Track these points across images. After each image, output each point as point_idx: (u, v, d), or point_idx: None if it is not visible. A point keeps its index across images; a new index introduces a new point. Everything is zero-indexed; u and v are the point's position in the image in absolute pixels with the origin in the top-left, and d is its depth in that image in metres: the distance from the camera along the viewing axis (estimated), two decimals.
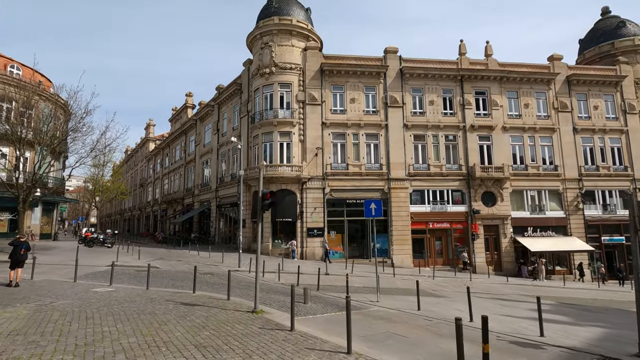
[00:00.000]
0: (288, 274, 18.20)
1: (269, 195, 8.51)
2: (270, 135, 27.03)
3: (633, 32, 32.61)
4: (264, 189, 8.53)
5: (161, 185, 51.87)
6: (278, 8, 28.62)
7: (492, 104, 29.13)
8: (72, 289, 10.86)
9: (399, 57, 28.70)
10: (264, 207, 8.45)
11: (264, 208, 8.45)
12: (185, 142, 43.65)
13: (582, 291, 20.37)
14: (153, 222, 54.89)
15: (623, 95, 30.87)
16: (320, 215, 26.28)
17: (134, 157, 71.64)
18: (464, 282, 20.20)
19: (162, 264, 19.71)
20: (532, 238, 27.74)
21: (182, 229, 42.16)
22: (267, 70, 27.41)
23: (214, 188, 34.57)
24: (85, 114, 20.81)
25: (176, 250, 27.98)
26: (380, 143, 27.58)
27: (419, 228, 27.27)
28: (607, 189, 29.57)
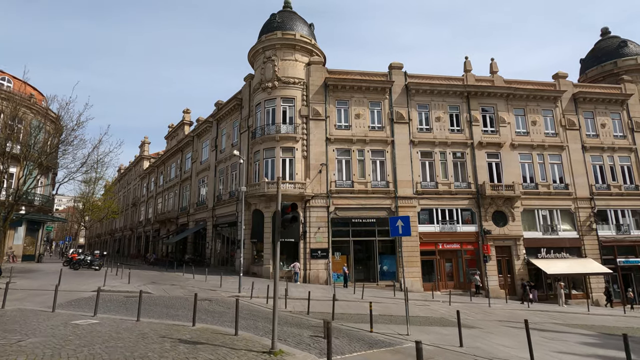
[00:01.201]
0: (294, 299, 16.58)
1: (290, 209, 7.19)
2: (272, 151, 25.86)
3: (635, 52, 32.67)
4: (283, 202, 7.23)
5: (155, 204, 50.02)
6: (281, 23, 28.12)
7: (500, 121, 28.47)
8: (48, 322, 9.21)
9: (404, 72, 28.14)
10: (285, 223, 7.11)
11: (284, 224, 7.11)
12: (181, 159, 42.29)
13: (610, 318, 18.92)
14: (144, 243, 52.60)
15: (629, 114, 30.50)
16: (325, 236, 24.79)
17: (127, 175, 69.86)
18: (484, 309, 18.69)
19: (155, 288, 17.94)
20: (546, 260, 26.43)
21: (176, 250, 40.15)
22: (270, 85, 26.56)
23: (211, 207, 33.00)
24: (77, 126, 19.48)
25: (169, 273, 26.10)
26: (386, 160, 26.53)
27: (428, 249, 25.86)
28: (620, 208, 28.63)
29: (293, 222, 7.37)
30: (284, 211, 7.20)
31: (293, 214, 7.35)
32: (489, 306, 19.32)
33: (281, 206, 7.15)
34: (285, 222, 7.20)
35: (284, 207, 7.19)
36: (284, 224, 7.15)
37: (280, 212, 7.09)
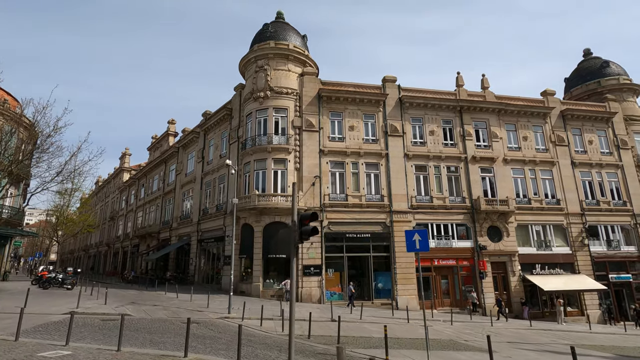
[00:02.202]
0: (286, 320, 15.27)
1: (309, 221, 6.24)
2: (263, 162, 24.84)
3: (617, 72, 33.78)
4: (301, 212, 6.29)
5: (134, 218, 47.66)
6: (274, 33, 27.62)
7: (492, 136, 28.50)
8: (9, 354, 7.77)
9: (398, 86, 27.96)
10: (304, 236, 6.15)
11: (303, 237, 6.14)
12: (164, 171, 40.57)
13: (616, 337, 18.43)
14: (122, 259, 49.80)
15: (615, 131, 31.20)
16: (318, 251, 23.68)
17: (105, 188, 66.91)
18: (487, 328, 17.88)
19: (135, 309, 16.32)
20: (541, 276, 26.07)
21: (156, 267, 37.94)
22: (262, 94, 25.76)
23: (196, 221, 31.39)
24: (54, 132, 18.00)
25: (149, 292, 24.25)
26: (380, 173, 25.92)
27: (423, 265, 25.03)
28: (610, 224, 28.82)
29: (314, 234, 6.43)
30: (302, 222, 6.25)
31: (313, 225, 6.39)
32: (491, 325, 18.54)
33: (298, 216, 6.19)
34: (305, 235, 6.23)
35: (303, 217, 6.25)
36: (302, 236, 6.19)
37: (296, 222, 6.13)
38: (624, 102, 32.47)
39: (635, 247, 28.71)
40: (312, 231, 6.37)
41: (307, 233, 6.31)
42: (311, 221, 6.40)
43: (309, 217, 6.38)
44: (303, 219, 6.30)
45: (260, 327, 13.98)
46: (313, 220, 6.48)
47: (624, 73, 33.84)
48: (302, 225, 6.29)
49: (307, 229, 6.28)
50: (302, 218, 6.31)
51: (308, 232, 6.31)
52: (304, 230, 6.28)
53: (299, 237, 6.26)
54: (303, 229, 6.27)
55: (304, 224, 6.31)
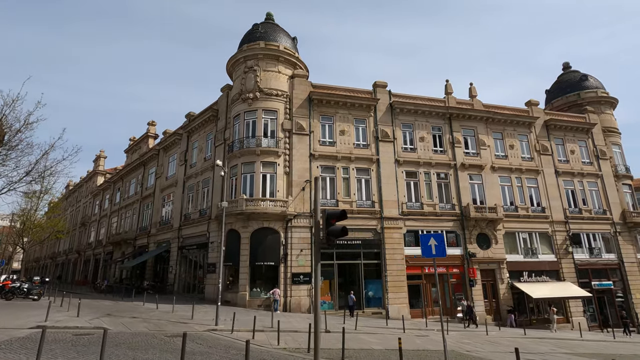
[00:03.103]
0: (283, 332, 14.33)
1: (335, 220, 5.49)
2: (251, 165, 23.87)
3: (595, 85, 35.06)
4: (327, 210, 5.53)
5: (108, 224, 45.17)
6: (264, 33, 26.94)
7: (480, 144, 28.72)
8: None
9: (389, 91, 27.78)
10: (332, 237, 5.39)
11: (330, 239, 5.38)
12: (143, 174, 38.70)
13: (609, 344, 18.46)
14: (93, 268, 46.97)
15: (594, 142, 32.18)
16: (307, 259, 22.81)
17: (77, 192, 63.50)
18: (483, 337, 17.50)
19: (112, 322, 14.91)
20: (529, 283, 26.19)
21: (132, 276, 35.84)
22: (251, 96, 24.90)
23: (177, 226, 29.85)
24: (24, 127, 16.48)
25: (126, 303, 22.57)
26: (371, 179, 25.47)
27: (414, 273, 24.67)
28: (591, 232, 29.47)
29: (343, 235, 5.69)
30: (329, 222, 5.50)
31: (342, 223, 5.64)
32: (486, 334, 18.17)
33: (324, 215, 5.43)
34: (332, 236, 5.47)
35: (329, 215, 5.49)
36: (329, 238, 5.43)
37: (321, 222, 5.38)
38: (602, 114, 33.65)
39: (615, 255, 29.44)
40: (342, 232, 5.63)
41: (335, 234, 5.55)
42: (338, 220, 5.68)
43: (337, 215, 5.63)
44: (330, 218, 5.55)
45: (252, 340, 12.94)
46: (341, 218, 5.75)
47: (601, 86, 35.17)
48: (329, 225, 5.55)
49: (336, 230, 5.53)
50: (329, 216, 5.57)
51: (337, 233, 5.55)
52: (332, 230, 5.52)
53: (325, 239, 5.50)
54: (331, 230, 5.52)
55: (331, 224, 5.57)
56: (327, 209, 5.78)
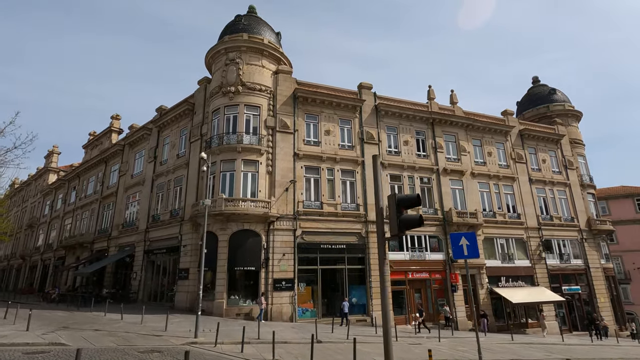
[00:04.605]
0: (267, 344, 12.95)
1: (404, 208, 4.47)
2: (231, 163, 22.29)
3: (562, 99, 36.95)
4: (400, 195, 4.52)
5: (61, 226, 41.01)
6: (248, 25, 25.61)
7: (461, 150, 29.00)
8: None
9: (374, 93, 27.36)
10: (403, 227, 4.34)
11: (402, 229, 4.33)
12: (104, 172, 35.49)
13: (589, 348, 18.74)
14: (41, 275, 42.37)
15: (563, 152, 33.70)
16: (290, 263, 21.52)
17: (24, 191, 57.60)
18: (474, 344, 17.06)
19: (71, 337, 12.80)
20: (507, 288, 26.52)
21: (87, 283, 32.44)
22: (233, 89, 23.39)
23: (143, 228, 27.36)
24: None
25: (83, 314, 19.98)
26: (356, 181, 24.74)
27: (398, 278, 24.10)
28: (561, 238, 30.59)
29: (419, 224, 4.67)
30: (399, 209, 4.47)
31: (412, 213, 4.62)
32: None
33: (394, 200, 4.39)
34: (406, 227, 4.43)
35: (400, 201, 4.45)
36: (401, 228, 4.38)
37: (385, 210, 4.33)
38: (569, 126, 35.43)
39: (582, 260, 30.72)
40: (418, 221, 4.63)
41: (410, 224, 4.51)
42: (409, 207, 4.67)
43: (409, 201, 4.60)
44: (401, 204, 4.54)
45: (241, 354, 11.53)
46: (416, 204, 4.74)
47: (568, 100, 37.13)
48: (399, 213, 4.53)
49: (412, 219, 4.52)
50: (400, 202, 4.56)
51: (413, 223, 4.50)
52: (407, 220, 4.49)
53: (397, 228, 4.47)
54: (404, 219, 4.50)
55: (401, 212, 4.56)
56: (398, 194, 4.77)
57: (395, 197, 4.77)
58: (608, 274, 31.87)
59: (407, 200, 4.77)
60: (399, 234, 4.74)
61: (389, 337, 4.90)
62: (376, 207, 4.83)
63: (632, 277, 40.35)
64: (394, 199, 4.74)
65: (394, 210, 4.68)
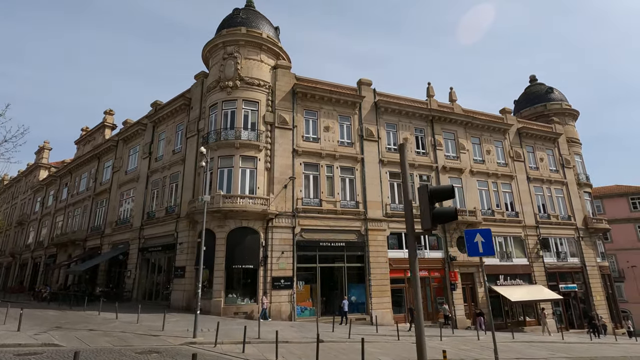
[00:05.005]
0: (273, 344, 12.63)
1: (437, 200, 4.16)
2: (229, 159, 21.85)
3: (560, 98, 37.04)
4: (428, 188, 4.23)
5: (52, 223, 40.15)
6: (246, 19, 25.13)
7: (460, 147, 28.87)
8: None
9: (373, 90, 27.07)
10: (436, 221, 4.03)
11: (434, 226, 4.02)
12: (97, 168, 34.75)
13: (589, 346, 18.70)
14: (31, 273, 41.48)
15: (560, 151, 33.76)
16: (289, 261, 21.18)
17: (14, 188, 56.37)
18: (476, 343, 16.95)
19: (64, 337, 12.34)
20: (505, 287, 26.46)
21: (79, 281, 31.77)
22: (231, 84, 22.92)
23: (138, 226, 26.80)
24: None
25: (76, 313, 19.44)
26: (356, 178, 24.45)
27: (397, 277, 23.92)
28: (558, 236, 30.66)
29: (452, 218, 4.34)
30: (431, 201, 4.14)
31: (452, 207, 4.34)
32: (478, 339, 17.66)
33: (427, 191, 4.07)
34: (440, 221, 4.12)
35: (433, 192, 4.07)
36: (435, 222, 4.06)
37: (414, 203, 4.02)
38: (566, 125, 35.52)
39: (578, 259, 30.84)
40: (454, 214, 4.32)
41: (442, 217, 4.19)
42: (441, 200, 4.37)
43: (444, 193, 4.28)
44: (434, 196, 4.23)
45: (243, 355, 11.18)
46: (449, 197, 4.43)
47: (565, 99, 37.22)
48: (432, 206, 4.23)
49: (447, 212, 4.21)
50: (433, 194, 4.25)
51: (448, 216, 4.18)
52: (442, 213, 4.19)
53: (430, 222, 4.16)
54: (438, 212, 4.20)
55: (433, 204, 4.26)
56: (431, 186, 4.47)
57: (427, 189, 4.47)
58: (604, 272, 32.06)
59: (441, 192, 4.47)
60: (432, 228, 4.44)
61: (422, 337, 4.62)
62: (404, 199, 4.53)
63: (626, 275, 40.73)
64: (427, 190, 4.43)
65: (427, 202, 4.38)
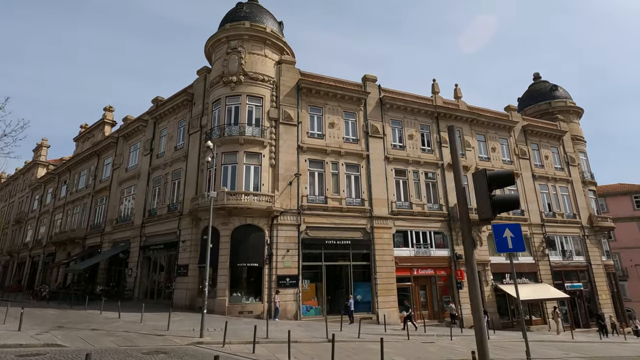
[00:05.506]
0: (283, 344, 12.26)
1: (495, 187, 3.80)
2: (233, 156, 21.44)
3: (564, 96, 36.78)
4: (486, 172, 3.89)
5: (51, 221, 39.63)
6: (249, 13, 24.70)
7: (465, 145, 28.56)
8: None
9: (378, 86, 26.71)
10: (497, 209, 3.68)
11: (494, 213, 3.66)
12: (97, 165, 34.25)
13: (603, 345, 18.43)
14: (30, 272, 40.96)
15: (565, 149, 33.51)
16: (295, 259, 20.81)
17: (11, 186, 55.77)
18: (492, 343, 16.59)
19: (67, 337, 11.93)
20: (511, 285, 26.11)
21: (79, 280, 31.30)
22: (234, 79, 22.50)
23: (139, 224, 26.36)
24: None
25: (77, 312, 19.00)
26: (361, 175, 24.10)
27: (403, 275, 23.59)
28: (564, 235, 30.41)
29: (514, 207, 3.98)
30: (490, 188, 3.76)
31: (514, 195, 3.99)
32: (487, 339, 17.30)
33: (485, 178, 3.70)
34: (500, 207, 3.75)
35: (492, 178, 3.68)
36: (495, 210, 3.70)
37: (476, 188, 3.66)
38: (571, 123, 35.26)
39: (584, 257, 30.60)
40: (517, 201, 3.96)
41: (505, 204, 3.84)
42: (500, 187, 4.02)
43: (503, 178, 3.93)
44: (492, 181, 3.89)
45: (253, 355, 10.81)
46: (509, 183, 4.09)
47: (569, 97, 36.97)
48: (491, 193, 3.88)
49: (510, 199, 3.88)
50: (492, 179, 3.90)
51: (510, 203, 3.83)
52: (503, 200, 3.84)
53: (490, 210, 3.81)
54: (498, 199, 3.86)
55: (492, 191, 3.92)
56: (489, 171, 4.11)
57: (486, 174, 4.11)
58: (609, 271, 31.85)
59: (501, 177, 4.12)
60: (492, 217, 4.10)
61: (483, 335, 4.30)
62: (456, 186, 4.21)
63: (630, 274, 40.59)
64: (485, 176, 4.08)
65: (485, 189, 4.03)
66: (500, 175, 4.25)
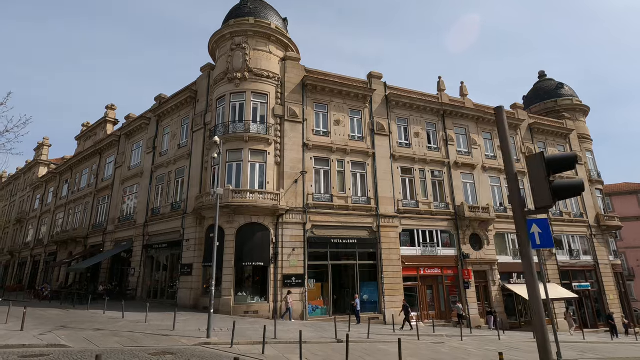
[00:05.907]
0: (292, 344, 11.94)
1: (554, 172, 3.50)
2: (238, 153, 21.12)
3: (570, 94, 36.42)
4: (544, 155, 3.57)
5: (52, 220, 39.34)
6: (254, 9, 24.38)
7: (472, 143, 28.22)
8: None
9: (384, 83, 26.38)
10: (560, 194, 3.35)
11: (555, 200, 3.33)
12: (99, 164, 33.95)
13: (608, 346, 18.09)
14: (31, 271, 40.67)
15: (571, 147, 33.16)
16: (300, 259, 20.48)
17: (12, 185, 55.50)
18: (498, 343, 16.30)
19: (71, 337, 11.61)
20: (519, 285, 25.79)
21: (80, 280, 31.02)
22: (239, 75, 22.18)
23: (142, 222, 26.05)
24: None
25: (79, 312, 18.68)
26: (367, 173, 23.77)
27: (409, 275, 23.25)
28: (571, 234, 30.07)
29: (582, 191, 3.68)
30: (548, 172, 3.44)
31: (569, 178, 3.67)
32: (499, 339, 17.03)
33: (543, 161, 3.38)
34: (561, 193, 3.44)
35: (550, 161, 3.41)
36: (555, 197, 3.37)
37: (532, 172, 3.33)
38: (577, 121, 34.91)
39: (591, 257, 30.25)
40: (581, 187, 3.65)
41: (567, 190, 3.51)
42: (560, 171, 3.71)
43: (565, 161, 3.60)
44: (551, 165, 3.57)
45: (263, 356, 10.48)
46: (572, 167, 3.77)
47: (575, 95, 36.61)
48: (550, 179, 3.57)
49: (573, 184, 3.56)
50: (550, 163, 3.59)
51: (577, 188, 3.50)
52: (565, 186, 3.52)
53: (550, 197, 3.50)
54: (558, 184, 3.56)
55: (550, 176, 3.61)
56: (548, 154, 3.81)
57: (544, 157, 3.79)
58: (616, 271, 31.50)
59: (562, 161, 3.79)
60: (551, 204, 3.80)
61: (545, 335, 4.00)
62: (506, 169, 3.91)
63: (636, 274, 40.22)
64: (543, 159, 3.76)
65: (543, 175, 3.72)
66: (562, 158, 3.91)
